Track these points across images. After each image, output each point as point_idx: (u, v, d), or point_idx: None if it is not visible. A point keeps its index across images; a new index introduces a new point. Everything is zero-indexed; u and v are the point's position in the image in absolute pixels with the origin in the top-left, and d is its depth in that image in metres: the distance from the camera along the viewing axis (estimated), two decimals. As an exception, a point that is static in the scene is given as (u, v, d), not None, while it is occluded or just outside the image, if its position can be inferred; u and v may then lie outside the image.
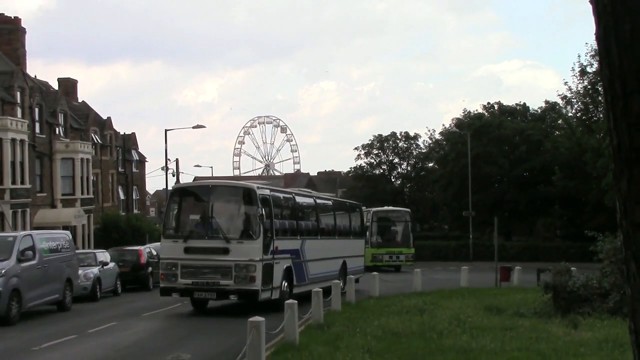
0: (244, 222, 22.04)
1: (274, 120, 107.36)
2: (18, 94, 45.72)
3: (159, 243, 26.12)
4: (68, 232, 29.19)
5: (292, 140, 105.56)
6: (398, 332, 16.17)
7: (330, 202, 32.49)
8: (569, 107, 62.36)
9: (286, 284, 22.91)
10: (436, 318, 18.63)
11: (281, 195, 25.98)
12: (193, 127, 50.17)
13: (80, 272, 27.10)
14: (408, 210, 54.15)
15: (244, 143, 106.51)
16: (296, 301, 15.40)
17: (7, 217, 40.23)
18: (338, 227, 30.64)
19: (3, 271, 20.47)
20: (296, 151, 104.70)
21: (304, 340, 14.96)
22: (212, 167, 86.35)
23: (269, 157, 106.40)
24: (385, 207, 56.16)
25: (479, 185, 64.46)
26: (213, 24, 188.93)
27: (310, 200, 29.13)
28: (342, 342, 14.62)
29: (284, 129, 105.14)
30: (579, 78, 57.79)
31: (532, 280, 32.43)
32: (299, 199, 27.34)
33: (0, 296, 20.08)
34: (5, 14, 52.78)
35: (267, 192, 22.95)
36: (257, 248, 21.03)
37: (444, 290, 29.39)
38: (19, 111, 45.26)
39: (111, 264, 31.58)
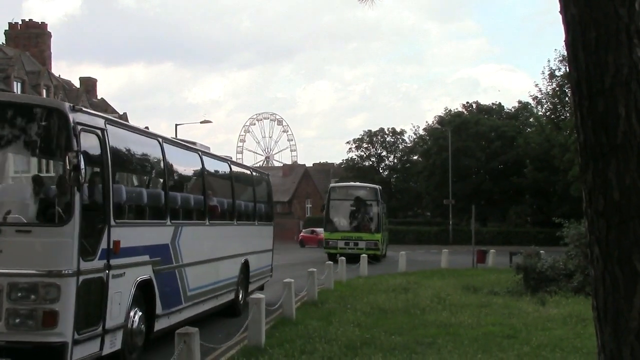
0: (37, 184, 9.42)
1: (271, 115, 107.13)
2: (44, 91, 45.61)
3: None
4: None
5: (288, 131, 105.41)
6: (385, 308, 16.18)
7: (226, 166, 16.76)
8: (539, 107, 62.46)
9: (139, 317, 10.28)
10: (419, 296, 18.64)
11: (135, 135, 11.36)
12: (201, 122, 49.79)
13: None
14: (376, 187, 40.12)
15: (245, 140, 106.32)
16: (293, 280, 15.27)
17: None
18: (238, 205, 16.84)
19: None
20: (292, 140, 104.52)
21: (300, 316, 14.95)
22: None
23: (269, 150, 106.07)
24: (347, 183, 46.80)
25: (458, 176, 64.63)
26: (220, 28, 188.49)
27: (191, 157, 14.10)
28: (335, 318, 14.63)
29: (280, 122, 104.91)
30: (548, 81, 57.97)
31: (505, 262, 32.43)
32: (169, 149, 12.30)
33: None
34: (34, 20, 52.70)
35: (100, 122, 9.49)
36: (65, 245, 8.35)
37: (426, 271, 29.39)
38: (44, 107, 45.08)
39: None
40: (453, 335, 12.44)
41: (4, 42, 50.14)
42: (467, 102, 74.51)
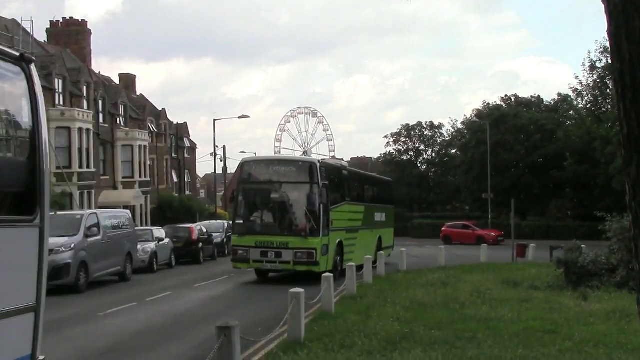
0: None
1: (311, 111, 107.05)
2: (84, 88, 46.22)
3: (209, 221, 24.88)
4: (128, 211, 29.47)
5: (328, 130, 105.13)
6: (424, 302, 16.14)
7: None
8: (579, 99, 61.48)
9: None
10: (458, 290, 18.57)
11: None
12: (239, 117, 50.29)
13: (139, 247, 27.37)
14: (314, 161, 24.84)
15: (283, 134, 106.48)
16: (332, 274, 15.35)
17: (75, 198, 40.73)
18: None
19: (72, 245, 20.75)
20: (330, 134, 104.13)
21: (339, 310, 14.98)
22: (255, 153, 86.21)
23: (307, 145, 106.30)
24: (267, 156, 32.13)
25: (497, 170, 64.02)
26: (259, 24, 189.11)
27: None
28: (374, 312, 14.63)
29: (320, 119, 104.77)
30: (589, 72, 57.09)
31: (545, 256, 32.15)
32: None
33: (70, 268, 20.37)
34: (74, 17, 53.44)
35: None
36: None
37: (465, 265, 29.26)
38: (85, 103, 45.77)
39: (166, 240, 31.82)
40: (493, 330, 12.35)
41: (46, 40, 50.90)
42: (506, 95, 73.72)
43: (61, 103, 42.67)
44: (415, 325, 12.74)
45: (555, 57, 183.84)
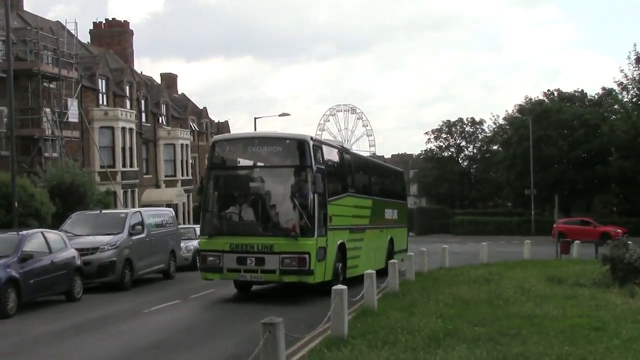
0: None
1: (351, 107, 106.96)
2: (127, 88, 46.87)
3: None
4: (171, 209, 29.75)
5: (367, 126, 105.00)
6: (467, 299, 16.04)
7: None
8: (624, 93, 60.46)
9: None
10: (502, 287, 18.41)
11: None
12: (279, 115, 50.29)
13: (182, 244, 27.55)
14: (305, 138, 17.83)
15: (323, 132, 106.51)
16: (374, 271, 15.36)
17: (119, 196, 41.26)
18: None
19: (117, 243, 21.00)
20: (370, 131, 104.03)
21: (382, 307, 14.96)
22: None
23: (347, 142, 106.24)
24: (242, 133, 27.62)
25: (539, 166, 63.31)
26: (298, 21, 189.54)
27: None
28: (417, 309, 14.58)
29: (359, 114, 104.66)
30: (634, 65, 56.09)
31: (590, 253, 31.73)
32: None
33: (115, 265, 20.63)
34: (117, 19, 54.17)
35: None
36: None
37: (508, 262, 28.98)
38: (127, 103, 46.44)
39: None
40: (538, 326, 12.23)
41: (89, 41, 51.63)
42: (549, 90, 72.73)
43: (105, 103, 43.26)
44: (458, 322, 12.68)
45: (599, 51, 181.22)
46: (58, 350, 11.73)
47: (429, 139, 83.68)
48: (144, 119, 49.41)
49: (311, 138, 17.82)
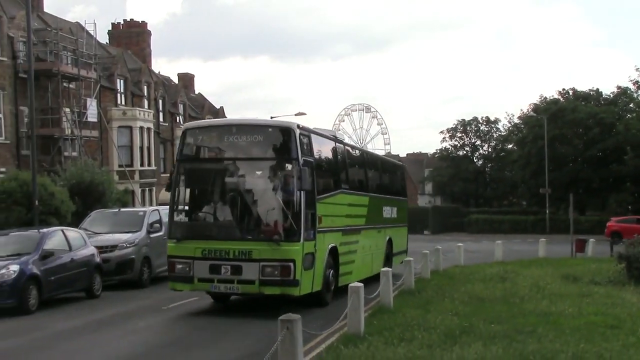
0: None
1: (365, 107, 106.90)
2: (145, 87, 47.12)
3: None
4: (189, 208, 29.79)
5: (382, 124, 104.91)
6: (483, 297, 16.01)
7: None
8: (640, 91, 60.12)
9: None
10: (517, 285, 18.37)
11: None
12: (295, 114, 50.23)
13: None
14: (290, 125, 15.34)
15: (339, 130, 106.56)
16: (390, 269, 15.32)
17: (137, 194, 41.46)
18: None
19: (136, 241, 21.08)
20: (385, 130, 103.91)
21: (398, 304, 14.96)
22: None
23: (363, 141, 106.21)
24: (216, 120, 27.21)
25: (554, 165, 63.06)
26: (314, 21, 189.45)
27: None
28: (432, 306, 14.57)
29: (373, 113, 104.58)
30: (650, 64, 55.73)
31: (605, 251, 31.57)
32: None
33: (134, 263, 20.73)
34: (135, 19, 54.42)
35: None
36: None
37: (523, 260, 28.92)
38: (145, 103, 46.70)
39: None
40: (553, 324, 12.21)
41: (108, 42, 51.91)
42: (564, 89, 72.34)
43: (123, 103, 43.51)
44: (474, 319, 12.66)
45: (615, 49, 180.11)
46: (78, 346, 11.83)
47: (444, 138, 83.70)
48: (161, 119, 49.64)
49: (298, 126, 15.28)
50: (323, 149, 17.11)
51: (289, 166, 14.97)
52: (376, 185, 22.70)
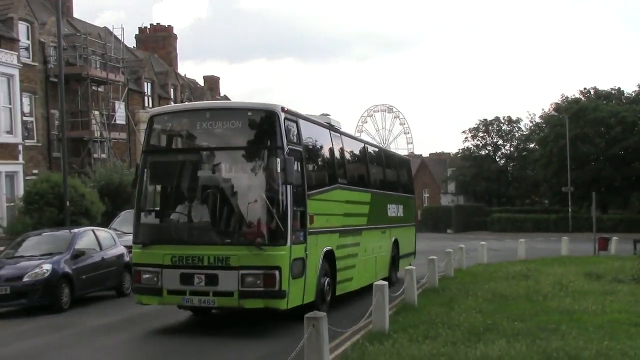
0: None
1: (388, 107, 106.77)
2: (171, 90, 47.39)
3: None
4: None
5: (405, 124, 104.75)
6: (506, 295, 15.93)
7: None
8: (662, 90, 59.50)
9: None
10: (540, 283, 18.26)
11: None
12: (319, 115, 50.35)
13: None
14: (274, 109, 12.58)
15: (362, 131, 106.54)
16: (414, 267, 15.32)
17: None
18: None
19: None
20: (408, 130, 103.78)
21: (422, 302, 14.94)
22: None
23: (386, 141, 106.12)
24: (189, 104, 24.81)
25: (576, 164, 62.63)
26: (336, 24, 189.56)
27: None
28: (456, 304, 14.53)
29: (396, 113, 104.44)
30: (672, 63, 55.13)
31: (628, 249, 31.27)
32: None
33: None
34: (161, 24, 54.78)
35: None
36: None
37: (546, 258, 28.72)
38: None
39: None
40: (577, 321, 12.13)
41: (135, 46, 52.32)
42: (585, 88, 71.83)
43: (150, 105, 43.81)
44: (497, 316, 12.62)
45: (636, 48, 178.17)
46: (111, 343, 11.96)
47: (466, 138, 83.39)
48: (187, 121, 49.85)
49: (282, 109, 12.64)
50: (315, 138, 14.71)
51: (272, 156, 12.39)
52: (380, 181, 20.27)
